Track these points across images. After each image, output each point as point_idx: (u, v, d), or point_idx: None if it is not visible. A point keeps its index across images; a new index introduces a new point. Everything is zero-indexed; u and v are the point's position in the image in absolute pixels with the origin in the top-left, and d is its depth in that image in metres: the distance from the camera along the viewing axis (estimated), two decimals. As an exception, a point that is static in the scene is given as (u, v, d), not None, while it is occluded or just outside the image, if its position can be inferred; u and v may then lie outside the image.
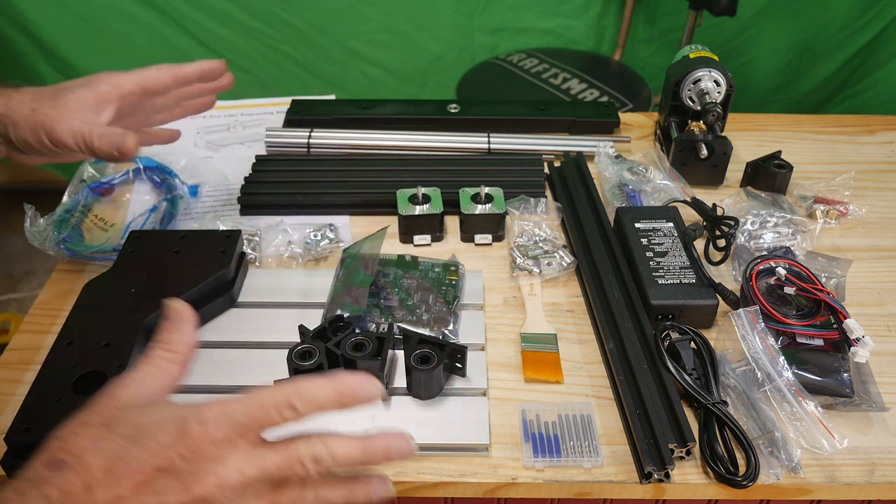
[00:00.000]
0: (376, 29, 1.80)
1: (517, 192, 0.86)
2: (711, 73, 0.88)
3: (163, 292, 0.69)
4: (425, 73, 1.87)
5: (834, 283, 0.76)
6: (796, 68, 1.83)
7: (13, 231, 2.06)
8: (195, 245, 0.75)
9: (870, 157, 1.00)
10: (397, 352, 0.69)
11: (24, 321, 0.75)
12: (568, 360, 0.70)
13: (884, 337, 0.73)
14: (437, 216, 0.83)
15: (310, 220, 0.85)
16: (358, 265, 0.75)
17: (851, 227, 0.87)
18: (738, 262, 0.78)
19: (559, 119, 1.02)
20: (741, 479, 0.58)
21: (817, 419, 0.62)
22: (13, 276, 1.98)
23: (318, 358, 0.63)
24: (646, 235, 0.78)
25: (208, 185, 0.92)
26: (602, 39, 1.83)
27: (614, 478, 0.60)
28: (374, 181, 0.90)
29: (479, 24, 1.80)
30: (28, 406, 0.60)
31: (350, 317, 0.69)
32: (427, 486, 0.61)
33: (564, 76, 1.59)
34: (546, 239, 0.81)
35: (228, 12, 1.75)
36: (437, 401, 0.65)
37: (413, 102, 1.07)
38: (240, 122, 1.05)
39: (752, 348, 0.66)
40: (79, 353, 0.63)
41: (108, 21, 1.70)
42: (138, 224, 0.82)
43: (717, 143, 0.89)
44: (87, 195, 0.87)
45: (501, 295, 0.78)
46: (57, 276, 0.80)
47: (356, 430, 0.44)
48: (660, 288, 0.72)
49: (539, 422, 0.64)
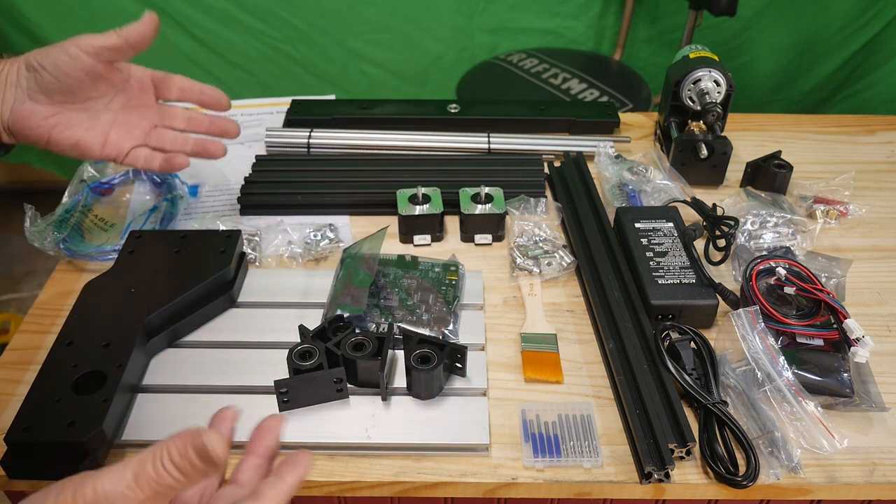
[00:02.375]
0: (376, 29, 1.80)
1: (517, 192, 0.86)
2: (711, 73, 0.88)
3: (163, 292, 0.69)
4: (425, 73, 1.87)
5: (834, 283, 0.76)
6: (796, 68, 1.83)
7: (13, 231, 2.06)
8: (195, 245, 0.75)
9: (870, 157, 1.00)
10: (397, 352, 0.69)
11: (24, 321, 0.75)
12: (568, 360, 0.70)
13: (884, 337, 0.73)
14: (437, 216, 0.83)
15: (310, 220, 0.85)
16: (358, 265, 0.75)
17: (851, 227, 0.87)
18: (738, 262, 0.78)
19: (559, 119, 1.02)
20: (741, 479, 0.58)
21: (817, 419, 0.62)
22: (13, 276, 1.98)
23: (318, 358, 0.63)
24: (646, 235, 0.78)
25: (208, 185, 0.92)
26: (602, 39, 1.83)
27: (614, 478, 0.60)
28: (374, 181, 0.90)
29: (479, 24, 1.80)
30: (28, 406, 0.60)
31: (350, 317, 0.69)
32: (427, 486, 0.61)
33: (564, 76, 1.59)
34: (546, 239, 0.81)
35: (228, 12, 1.75)
36: (437, 401, 0.65)
37: (413, 102, 1.07)
38: (240, 122, 1.05)
39: (752, 348, 0.66)
40: (79, 353, 0.64)
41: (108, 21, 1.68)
42: (138, 224, 0.82)
43: (717, 143, 0.89)
44: (87, 195, 0.87)
45: (501, 295, 0.78)
46: (57, 276, 0.80)
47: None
48: (660, 288, 0.72)
49: (539, 422, 0.64)
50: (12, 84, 0.68)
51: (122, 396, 0.62)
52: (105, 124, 0.73)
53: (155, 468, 0.39)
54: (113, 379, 0.61)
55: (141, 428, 0.62)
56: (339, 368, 0.63)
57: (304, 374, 0.63)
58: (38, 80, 0.68)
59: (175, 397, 0.65)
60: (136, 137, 0.75)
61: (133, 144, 0.74)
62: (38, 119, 0.69)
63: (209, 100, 0.77)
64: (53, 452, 0.57)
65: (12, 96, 0.68)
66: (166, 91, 0.77)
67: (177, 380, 0.67)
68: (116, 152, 0.73)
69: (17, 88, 0.69)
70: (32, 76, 0.68)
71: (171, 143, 0.77)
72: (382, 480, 0.60)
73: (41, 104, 0.69)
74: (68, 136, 0.70)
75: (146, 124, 0.76)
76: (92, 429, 0.57)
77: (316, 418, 0.63)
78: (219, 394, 0.65)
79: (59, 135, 0.70)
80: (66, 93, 0.70)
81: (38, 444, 0.57)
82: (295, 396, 0.63)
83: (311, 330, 0.66)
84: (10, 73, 0.68)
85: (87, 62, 0.68)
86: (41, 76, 0.68)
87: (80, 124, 0.71)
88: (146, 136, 0.75)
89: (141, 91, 0.75)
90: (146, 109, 0.76)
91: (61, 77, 0.68)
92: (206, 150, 0.78)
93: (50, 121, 0.70)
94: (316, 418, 0.63)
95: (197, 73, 1.83)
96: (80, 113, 0.71)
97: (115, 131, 0.73)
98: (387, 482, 0.60)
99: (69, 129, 0.70)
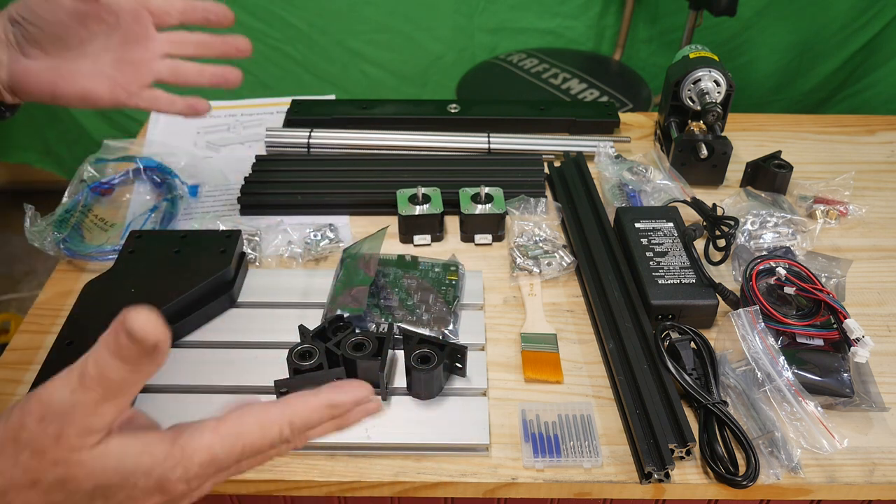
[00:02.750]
0: (376, 29, 1.80)
1: (517, 192, 0.86)
2: (711, 73, 0.88)
3: (163, 292, 0.69)
4: (425, 73, 1.87)
5: (834, 283, 0.76)
6: (796, 68, 1.83)
7: (13, 231, 2.06)
8: (195, 245, 0.75)
9: (870, 157, 1.00)
10: (397, 352, 0.69)
11: (24, 321, 0.75)
12: (568, 360, 0.70)
13: (884, 337, 0.73)
14: (437, 216, 0.83)
15: (310, 220, 0.85)
16: (358, 265, 0.75)
17: (851, 227, 0.87)
18: (738, 262, 0.78)
19: (559, 119, 1.02)
20: (741, 479, 0.58)
21: (817, 419, 0.62)
22: (13, 276, 1.98)
23: (318, 358, 0.63)
24: (646, 235, 0.78)
25: (208, 185, 0.92)
26: (602, 39, 1.83)
27: (614, 478, 0.60)
28: (374, 181, 0.90)
29: (479, 24, 1.80)
30: (28, 406, 0.59)
31: (350, 317, 0.69)
32: (427, 486, 0.61)
33: (564, 76, 1.59)
34: (546, 239, 0.81)
35: (228, 12, 1.74)
36: (437, 401, 0.65)
37: (413, 102, 1.07)
38: (240, 122, 1.05)
39: (752, 348, 0.66)
40: (79, 353, 0.62)
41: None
42: (138, 224, 0.82)
43: (717, 143, 0.89)
44: (87, 195, 0.87)
45: (501, 295, 0.78)
46: (57, 276, 0.80)
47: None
48: (660, 288, 0.72)
49: (539, 422, 0.64)
50: (1, 42, 0.65)
51: (122, 396, 0.61)
52: (108, 67, 0.68)
53: (96, 364, 0.36)
54: (113, 379, 0.61)
55: (141, 428, 0.62)
56: (339, 368, 0.63)
57: (304, 374, 0.63)
58: (25, 34, 0.64)
59: (175, 397, 0.65)
60: (145, 74, 0.69)
61: (143, 83, 0.69)
62: (37, 74, 0.65)
63: (213, 17, 0.71)
64: (53, 452, 0.57)
65: (5, 54, 0.65)
66: (165, 17, 0.70)
67: (177, 380, 0.67)
68: (126, 95, 0.68)
69: (8, 46, 0.65)
70: (18, 30, 0.64)
71: (186, 75, 0.71)
72: (382, 480, 0.60)
73: (36, 59, 0.65)
74: (73, 88, 0.66)
75: (152, 57, 0.70)
76: (92, 429, 0.57)
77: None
78: (219, 394, 0.65)
79: (63, 88, 0.66)
80: (55, 41, 0.65)
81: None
82: (295, 396, 0.63)
83: (311, 330, 0.66)
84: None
85: (67, 3, 0.64)
86: (26, 29, 0.64)
87: (82, 72, 0.67)
88: (156, 72, 0.70)
89: (136, 23, 0.69)
90: (148, 42, 0.69)
91: (45, 26, 0.64)
92: (225, 78, 0.72)
93: (50, 74, 0.66)
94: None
95: (197, 73, 1.83)
96: (79, 60, 0.67)
97: (119, 73, 0.68)
98: (387, 482, 0.60)
99: (72, 80, 0.66)
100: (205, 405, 0.64)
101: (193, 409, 0.63)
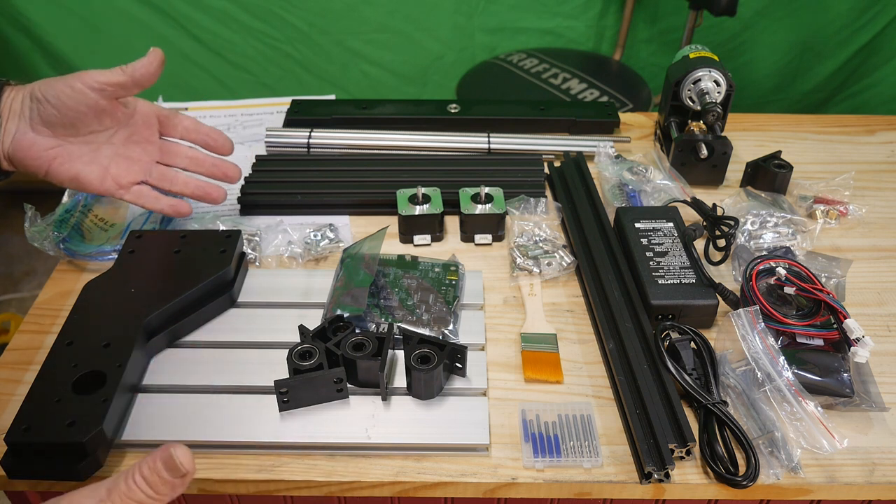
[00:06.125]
0: (376, 29, 1.80)
1: (517, 192, 0.86)
2: (711, 73, 0.88)
3: (163, 292, 0.69)
4: (425, 73, 1.87)
5: (834, 283, 0.76)
6: (796, 68, 1.83)
7: (13, 231, 2.06)
8: (195, 245, 0.75)
9: (870, 157, 1.00)
10: (397, 352, 0.69)
11: (24, 321, 0.75)
12: (568, 360, 0.70)
13: (884, 337, 0.73)
14: (437, 216, 0.83)
15: (310, 220, 0.85)
16: (358, 265, 0.75)
17: (851, 227, 0.87)
18: (738, 262, 0.78)
19: (559, 119, 1.02)
20: (741, 479, 0.58)
21: (817, 419, 0.62)
22: (13, 276, 1.98)
23: (318, 358, 0.63)
24: (646, 235, 0.78)
25: (208, 185, 0.92)
26: (602, 39, 1.84)
27: (614, 478, 0.60)
28: (374, 181, 0.90)
29: (479, 24, 1.80)
30: (28, 406, 0.59)
31: (350, 317, 0.69)
32: (427, 486, 0.61)
33: (564, 76, 1.59)
34: (546, 239, 0.81)
35: (228, 12, 1.75)
36: (437, 401, 0.65)
37: (413, 102, 1.07)
38: (240, 122, 1.05)
39: (752, 348, 0.66)
40: (79, 353, 0.64)
41: (108, 21, 1.70)
42: (138, 224, 0.82)
43: (717, 143, 0.89)
44: (87, 195, 0.87)
45: (501, 295, 0.78)
46: (57, 276, 0.80)
47: None
48: (660, 288, 0.72)
49: (539, 422, 0.64)
50: (16, 114, 0.68)
51: (122, 396, 0.61)
52: (105, 158, 0.73)
53: (126, 483, 0.43)
54: (113, 379, 0.61)
55: (141, 428, 0.62)
56: (339, 368, 0.63)
57: (304, 374, 0.63)
58: (41, 112, 0.68)
59: (175, 397, 0.65)
60: (136, 173, 0.74)
61: (133, 180, 0.74)
62: (39, 150, 0.69)
63: (213, 142, 0.78)
64: (53, 452, 0.58)
65: (14, 126, 0.68)
66: (171, 129, 0.77)
67: (177, 380, 0.67)
68: (115, 187, 0.73)
69: (21, 118, 0.68)
70: (36, 107, 0.68)
71: (172, 182, 0.77)
72: (382, 480, 0.60)
73: (43, 135, 0.69)
74: (67, 169, 0.70)
75: (147, 160, 0.75)
76: (92, 429, 0.57)
77: (316, 418, 0.63)
78: (219, 394, 0.65)
79: (58, 167, 0.70)
80: (68, 126, 0.69)
81: (37, 444, 0.57)
82: (295, 396, 0.63)
83: (311, 330, 0.66)
84: (14, 101, 0.68)
85: (91, 97, 0.68)
86: (44, 108, 0.67)
87: (81, 157, 0.71)
88: (147, 173, 0.75)
89: (145, 126, 0.75)
90: (148, 145, 0.76)
91: (64, 110, 0.68)
92: (208, 193, 0.79)
93: (50, 153, 0.69)
94: (316, 418, 0.63)
95: (197, 72, 1.83)
96: (81, 146, 0.71)
97: (115, 165, 0.73)
98: (387, 482, 0.60)
99: (69, 162, 0.70)
100: (204, 405, 0.64)
101: (193, 410, 0.64)
